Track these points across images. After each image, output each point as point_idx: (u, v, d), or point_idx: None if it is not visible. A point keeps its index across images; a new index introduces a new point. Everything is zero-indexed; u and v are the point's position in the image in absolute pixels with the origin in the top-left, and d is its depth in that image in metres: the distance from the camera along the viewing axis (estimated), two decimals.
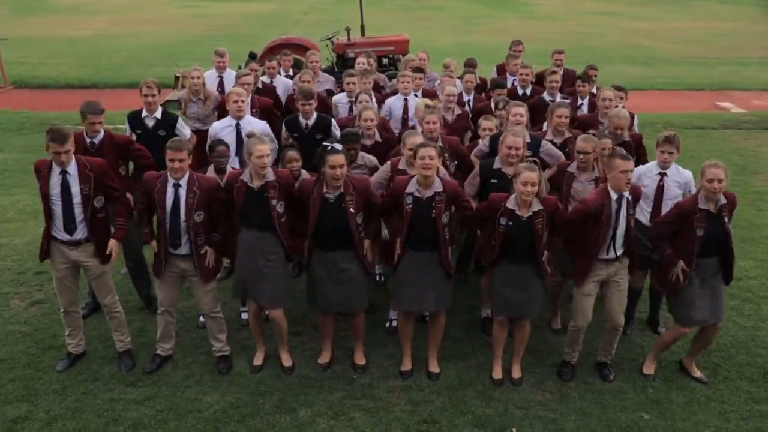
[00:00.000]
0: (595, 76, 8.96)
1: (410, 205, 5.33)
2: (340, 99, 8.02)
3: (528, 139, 6.21)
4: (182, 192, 5.38)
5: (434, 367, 5.85)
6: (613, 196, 5.32)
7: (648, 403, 5.53)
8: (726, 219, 5.30)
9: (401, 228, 5.43)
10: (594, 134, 6.23)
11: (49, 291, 7.11)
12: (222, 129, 6.92)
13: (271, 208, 5.40)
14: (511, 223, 5.24)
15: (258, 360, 5.93)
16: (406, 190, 5.34)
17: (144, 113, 7.02)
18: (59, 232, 5.45)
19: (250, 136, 5.62)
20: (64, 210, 5.37)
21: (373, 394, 5.60)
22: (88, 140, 6.17)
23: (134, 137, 6.95)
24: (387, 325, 6.52)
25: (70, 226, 5.41)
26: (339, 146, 5.35)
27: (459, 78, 8.67)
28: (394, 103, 7.71)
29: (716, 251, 5.36)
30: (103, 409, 5.35)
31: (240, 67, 9.77)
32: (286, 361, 5.89)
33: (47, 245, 5.53)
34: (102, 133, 6.22)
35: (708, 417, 5.38)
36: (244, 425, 5.20)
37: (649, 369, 5.89)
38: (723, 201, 5.29)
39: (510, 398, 5.57)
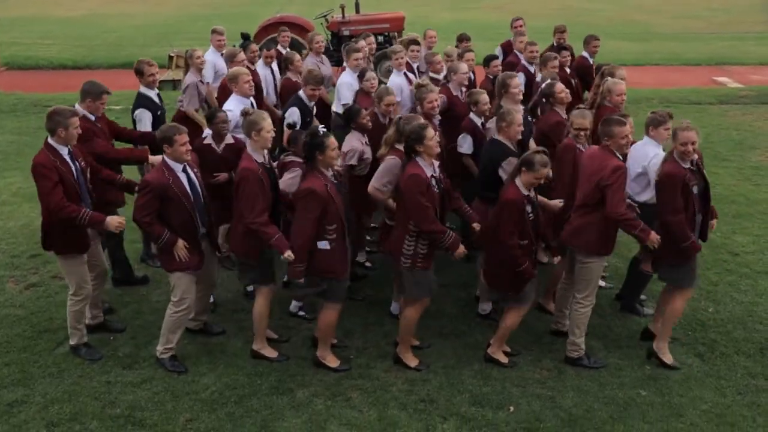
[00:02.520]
0: (597, 47, 9.11)
1: (436, 188, 5.26)
2: (347, 80, 7.74)
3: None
4: (190, 171, 5.38)
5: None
6: (620, 157, 5.42)
7: (645, 380, 5.54)
8: (704, 172, 5.42)
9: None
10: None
11: (44, 274, 7.09)
12: (236, 107, 6.66)
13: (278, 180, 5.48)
14: (531, 208, 5.27)
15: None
16: (429, 174, 5.22)
17: (151, 93, 6.89)
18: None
19: (246, 114, 5.52)
20: (80, 185, 5.39)
21: (370, 374, 5.59)
22: (92, 117, 6.11)
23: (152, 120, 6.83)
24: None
25: (87, 200, 5.46)
26: (324, 128, 5.32)
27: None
28: (399, 80, 7.55)
29: (703, 207, 5.44)
30: (99, 392, 5.34)
31: (234, 46, 9.69)
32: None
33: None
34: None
35: (705, 392, 5.39)
36: (241, 406, 5.21)
37: (668, 357, 5.71)
38: (695, 156, 5.39)
39: (507, 376, 5.57)
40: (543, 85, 7.05)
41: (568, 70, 8.52)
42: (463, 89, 7.45)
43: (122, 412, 5.13)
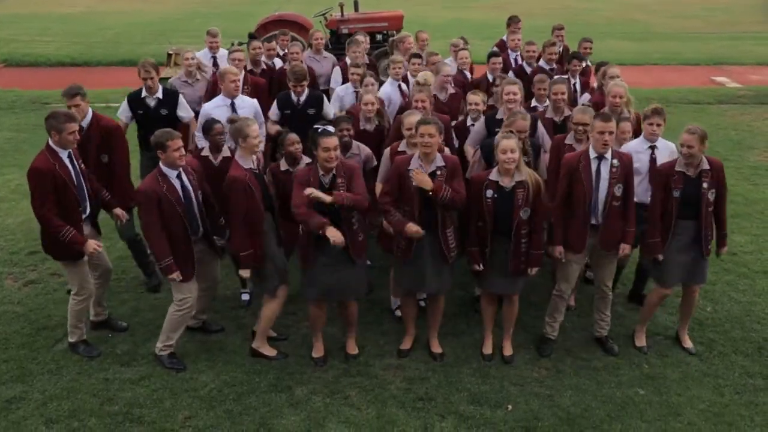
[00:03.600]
0: (590, 49, 8.95)
1: (414, 181, 5.25)
2: (344, 90, 7.74)
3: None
4: (185, 178, 5.35)
5: (436, 348, 5.82)
6: (592, 154, 5.40)
7: (643, 379, 5.55)
8: (704, 183, 5.36)
9: (410, 210, 5.27)
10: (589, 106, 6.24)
11: (42, 271, 7.08)
12: (215, 108, 6.70)
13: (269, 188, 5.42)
14: (496, 195, 5.24)
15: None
16: (409, 167, 5.28)
17: (144, 93, 6.94)
18: (84, 213, 5.50)
19: (232, 121, 5.61)
20: (79, 187, 5.39)
21: (369, 372, 5.60)
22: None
23: (133, 119, 7.03)
24: (396, 313, 6.38)
25: (85, 203, 5.47)
26: (331, 128, 5.28)
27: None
28: (390, 90, 7.57)
29: (694, 214, 5.46)
30: (98, 389, 5.34)
31: (232, 44, 9.69)
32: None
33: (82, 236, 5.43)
34: (90, 116, 6.12)
35: (702, 392, 5.40)
36: (239, 403, 5.21)
37: (640, 341, 5.95)
38: (705, 167, 5.38)
39: (505, 375, 5.57)
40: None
41: (574, 81, 8.03)
42: (448, 87, 7.38)
43: (120, 409, 5.13)
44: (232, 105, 6.76)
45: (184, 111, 7.18)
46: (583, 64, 8.32)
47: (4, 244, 7.70)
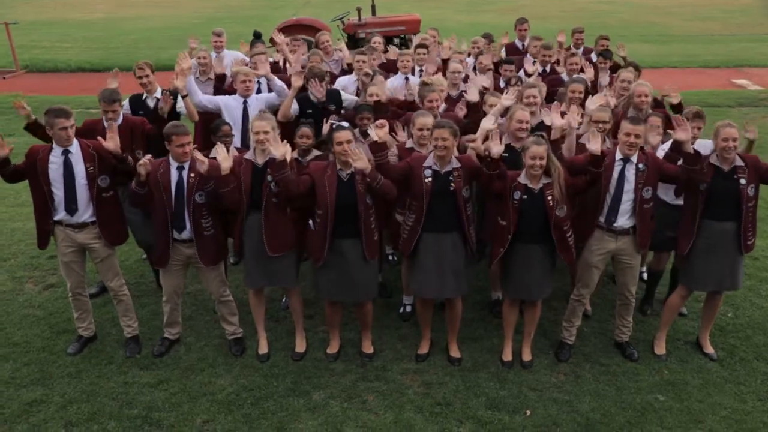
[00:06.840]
0: (606, 46, 8.97)
1: (429, 179, 5.23)
2: (346, 81, 7.82)
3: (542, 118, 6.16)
4: (185, 174, 5.35)
5: (455, 352, 5.80)
6: (618, 156, 5.34)
7: (663, 385, 5.49)
8: (742, 179, 5.23)
9: (418, 207, 5.30)
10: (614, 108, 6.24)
11: (62, 275, 7.12)
12: (231, 100, 6.93)
13: (264, 185, 5.35)
14: (525, 197, 5.20)
15: (263, 348, 5.90)
16: (424, 164, 5.28)
17: (144, 95, 6.99)
18: (62, 215, 5.45)
19: (260, 112, 5.67)
20: (67, 191, 5.37)
21: (387, 376, 5.59)
22: (106, 124, 6.12)
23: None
24: (401, 310, 6.47)
25: (72, 207, 5.41)
26: (345, 124, 5.32)
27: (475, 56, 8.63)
28: (394, 82, 7.64)
29: (728, 215, 5.31)
30: (117, 393, 5.38)
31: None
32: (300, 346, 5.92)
33: (46, 232, 5.56)
34: (120, 119, 6.20)
35: (724, 398, 5.33)
36: (257, 408, 5.22)
37: (660, 348, 5.88)
38: (739, 162, 5.27)
39: (524, 380, 5.54)
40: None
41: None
42: (459, 85, 7.32)
43: (139, 412, 5.16)
44: (245, 103, 6.89)
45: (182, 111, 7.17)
46: (609, 62, 8.31)
47: (25, 248, 7.78)
